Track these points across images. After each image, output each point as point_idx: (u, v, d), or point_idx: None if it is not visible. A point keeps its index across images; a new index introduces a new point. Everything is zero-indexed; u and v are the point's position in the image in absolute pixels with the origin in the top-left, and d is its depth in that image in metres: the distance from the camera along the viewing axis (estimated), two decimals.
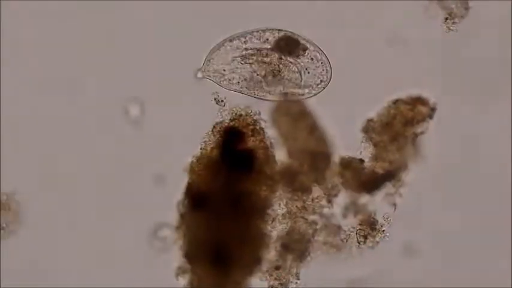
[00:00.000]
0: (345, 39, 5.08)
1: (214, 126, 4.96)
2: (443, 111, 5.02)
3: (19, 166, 5.08)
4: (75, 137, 5.11)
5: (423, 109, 4.97)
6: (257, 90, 4.99)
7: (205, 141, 4.95)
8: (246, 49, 4.98)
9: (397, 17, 5.09)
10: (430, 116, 4.99)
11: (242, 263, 4.93)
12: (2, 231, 5.06)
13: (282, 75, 4.97)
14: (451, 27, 5.04)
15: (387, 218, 5.05)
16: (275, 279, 5.04)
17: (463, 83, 5.07)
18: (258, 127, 4.96)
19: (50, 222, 5.08)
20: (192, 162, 4.95)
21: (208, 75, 5.02)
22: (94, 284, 5.07)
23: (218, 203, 4.88)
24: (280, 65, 4.96)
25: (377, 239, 5.05)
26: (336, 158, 5.04)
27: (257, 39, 5.00)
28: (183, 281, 5.01)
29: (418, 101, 4.99)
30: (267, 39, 4.99)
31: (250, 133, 4.93)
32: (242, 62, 4.97)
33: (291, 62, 4.98)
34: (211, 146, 4.94)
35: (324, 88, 5.03)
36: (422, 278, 5.12)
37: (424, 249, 5.13)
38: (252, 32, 5.01)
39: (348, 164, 5.02)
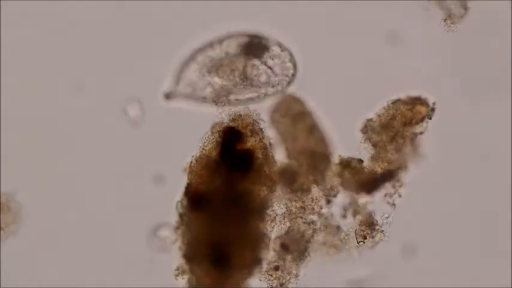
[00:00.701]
0: (345, 39, 5.09)
1: (213, 127, 4.96)
2: (442, 111, 5.02)
3: (19, 166, 5.09)
4: (75, 137, 5.12)
5: (422, 109, 4.97)
6: (230, 97, 5.00)
7: (204, 142, 4.96)
8: (210, 61, 4.99)
9: (397, 17, 5.09)
10: (429, 116, 4.98)
11: (241, 263, 4.93)
12: (2, 231, 5.07)
13: (251, 78, 4.98)
14: (450, 28, 5.04)
15: (386, 218, 5.05)
16: (274, 279, 5.04)
17: (463, 83, 5.06)
18: (257, 127, 4.96)
19: (50, 222, 5.09)
20: (192, 162, 4.95)
21: (179, 96, 5.03)
22: (94, 284, 5.08)
23: (217, 203, 4.88)
24: (248, 69, 4.97)
25: (376, 239, 5.05)
26: (335, 158, 5.04)
27: (219, 48, 5.01)
28: (183, 281, 5.02)
29: (417, 101, 4.98)
30: (229, 46, 5.00)
31: (249, 133, 4.93)
32: (210, 74, 4.97)
33: (255, 64, 4.99)
34: (211, 146, 4.94)
35: (290, 82, 5.03)
36: (422, 278, 5.12)
37: (424, 249, 5.13)
38: (213, 42, 5.01)
39: (347, 164, 5.02)
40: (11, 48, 5.08)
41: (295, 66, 5.05)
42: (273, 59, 4.97)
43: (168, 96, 4.99)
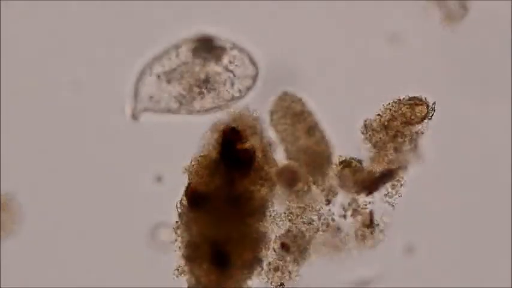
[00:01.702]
0: (346, 39, 5.09)
1: (213, 126, 4.96)
2: (442, 111, 5.02)
3: (19, 166, 5.09)
4: (75, 136, 5.12)
5: (422, 109, 4.96)
6: (195, 105, 5.01)
7: (204, 141, 4.96)
8: (168, 71, 4.99)
9: (397, 17, 5.09)
10: (429, 116, 4.98)
11: (241, 263, 4.93)
12: (1, 231, 5.07)
13: (213, 81, 4.99)
14: (450, 28, 5.04)
15: (386, 218, 5.05)
16: (274, 279, 5.04)
17: (463, 83, 5.07)
18: (257, 127, 4.96)
19: (50, 222, 5.09)
20: (192, 162, 4.95)
21: (144, 111, 5.04)
22: (94, 284, 5.08)
23: (217, 203, 4.88)
24: (208, 72, 4.98)
25: (376, 239, 5.05)
26: (335, 158, 5.03)
27: (174, 57, 5.01)
28: (183, 281, 5.02)
29: (417, 101, 4.98)
30: (185, 53, 5.01)
31: (249, 133, 4.93)
32: (170, 84, 4.97)
33: (216, 71, 5.00)
34: (211, 146, 4.94)
35: (254, 82, 5.04)
36: (422, 278, 5.12)
37: (424, 249, 5.13)
38: (167, 51, 5.02)
39: (347, 164, 5.02)
40: (10, 47, 5.08)
41: (255, 65, 5.04)
42: (233, 62, 4.98)
43: (133, 116, 5.00)
